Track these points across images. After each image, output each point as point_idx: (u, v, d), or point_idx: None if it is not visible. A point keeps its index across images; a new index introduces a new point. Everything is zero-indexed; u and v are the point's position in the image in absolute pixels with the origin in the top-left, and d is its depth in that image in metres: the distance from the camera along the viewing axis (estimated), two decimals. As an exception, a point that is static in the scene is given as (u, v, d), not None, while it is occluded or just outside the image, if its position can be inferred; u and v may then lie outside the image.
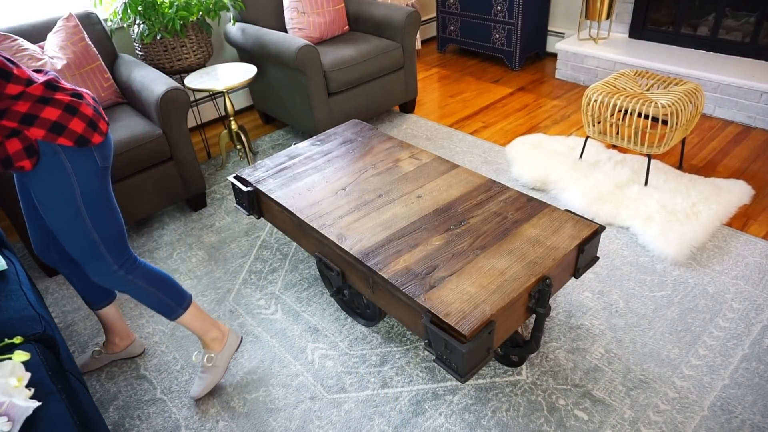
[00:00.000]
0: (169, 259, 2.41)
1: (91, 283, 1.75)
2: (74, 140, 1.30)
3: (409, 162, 2.05)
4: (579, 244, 1.57)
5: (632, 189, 2.47)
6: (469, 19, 4.07)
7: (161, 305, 1.62)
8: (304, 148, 2.22)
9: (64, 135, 1.29)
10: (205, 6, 2.79)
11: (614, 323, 1.89)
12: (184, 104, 2.44)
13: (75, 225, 1.39)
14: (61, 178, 1.33)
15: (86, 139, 1.32)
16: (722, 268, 2.08)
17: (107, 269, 1.49)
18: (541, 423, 1.59)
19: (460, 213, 1.74)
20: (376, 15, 3.22)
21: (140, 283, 1.56)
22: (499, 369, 1.77)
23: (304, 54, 2.71)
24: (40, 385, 1.19)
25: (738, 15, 3.22)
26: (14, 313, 1.43)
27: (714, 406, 1.59)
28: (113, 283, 1.52)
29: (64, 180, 1.33)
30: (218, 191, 2.88)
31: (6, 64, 1.21)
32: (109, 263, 1.48)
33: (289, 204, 1.86)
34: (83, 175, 1.36)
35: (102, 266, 1.48)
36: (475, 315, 1.35)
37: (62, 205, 1.36)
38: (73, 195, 1.36)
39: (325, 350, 1.90)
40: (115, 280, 1.52)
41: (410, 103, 3.48)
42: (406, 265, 1.53)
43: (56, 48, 2.45)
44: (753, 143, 2.85)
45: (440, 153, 3.02)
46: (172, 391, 1.81)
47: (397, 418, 1.65)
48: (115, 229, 1.47)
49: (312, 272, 2.26)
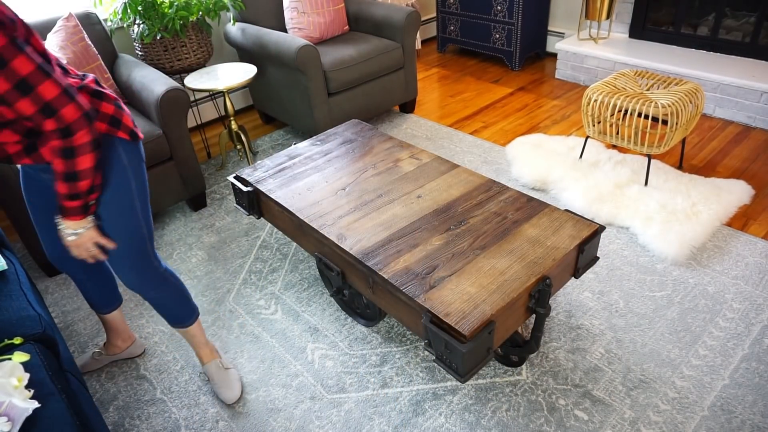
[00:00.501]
0: (169, 259, 2.41)
1: (103, 287, 1.73)
2: (128, 133, 1.32)
3: (409, 162, 2.05)
4: (579, 244, 1.57)
5: (632, 189, 2.47)
6: (469, 19, 4.07)
7: (181, 307, 1.63)
8: (304, 148, 2.22)
9: (121, 128, 1.30)
10: (205, 6, 2.79)
11: (614, 323, 1.89)
12: (184, 104, 2.44)
13: (130, 219, 1.38)
14: (120, 171, 1.33)
15: (135, 133, 1.34)
16: (722, 268, 2.07)
17: (149, 265, 1.49)
18: (541, 423, 1.59)
19: (460, 213, 1.73)
20: (376, 15, 3.22)
21: (171, 281, 1.57)
22: (499, 369, 1.77)
23: (304, 54, 2.71)
24: (40, 385, 1.19)
25: (738, 15, 3.22)
26: (14, 313, 1.43)
27: (714, 406, 1.59)
28: (151, 282, 1.51)
29: (122, 173, 1.34)
30: (218, 191, 2.88)
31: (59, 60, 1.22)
32: (151, 259, 1.49)
33: (289, 204, 1.86)
34: (136, 168, 1.37)
35: (146, 263, 1.48)
36: (475, 315, 1.34)
37: (118, 199, 1.35)
38: (130, 187, 1.36)
39: (325, 350, 1.90)
40: (155, 278, 1.51)
41: (410, 103, 3.48)
42: (406, 265, 1.53)
43: (56, 48, 2.45)
44: (753, 143, 2.85)
45: (440, 153, 3.02)
46: (172, 391, 1.81)
47: (397, 418, 1.65)
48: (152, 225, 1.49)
49: (312, 272, 2.26)
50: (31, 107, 1.07)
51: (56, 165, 1.16)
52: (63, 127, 1.11)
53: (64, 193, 1.21)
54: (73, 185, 1.20)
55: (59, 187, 1.20)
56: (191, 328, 1.70)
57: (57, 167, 1.17)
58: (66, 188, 1.20)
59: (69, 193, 1.21)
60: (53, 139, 1.13)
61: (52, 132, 1.11)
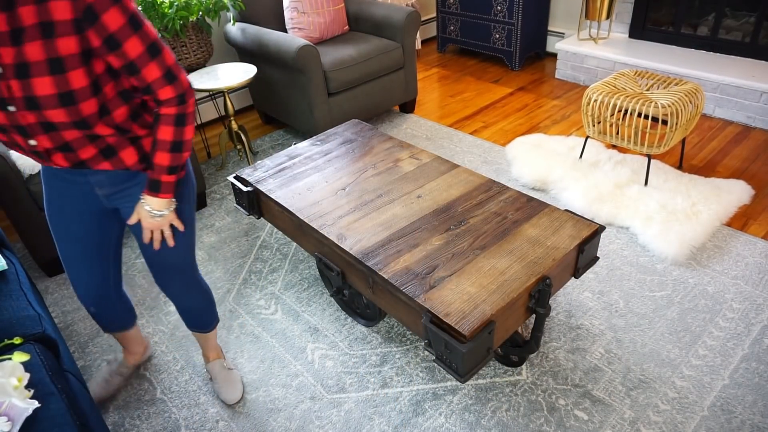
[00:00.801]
0: (169, 259, 2.41)
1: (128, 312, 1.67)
2: None
3: (409, 162, 2.05)
4: (579, 244, 1.57)
5: (632, 189, 2.47)
6: (469, 19, 4.07)
7: (208, 314, 1.64)
8: (304, 148, 2.22)
9: None
10: (205, 6, 2.79)
11: (614, 323, 1.89)
12: (184, 104, 2.44)
13: (190, 228, 1.39)
14: (188, 182, 1.35)
15: None
16: (722, 268, 2.08)
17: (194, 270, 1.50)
18: (541, 423, 1.59)
19: (460, 213, 1.74)
20: (376, 15, 3.22)
21: (204, 288, 1.59)
22: (499, 369, 1.77)
23: (304, 54, 2.71)
24: (40, 385, 1.19)
25: (738, 15, 3.22)
26: (14, 313, 1.43)
27: (714, 406, 1.59)
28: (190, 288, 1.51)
29: (190, 184, 1.36)
30: (218, 191, 2.88)
31: None
32: (195, 265, 1.51)
33: (289, 204, 1.86)
34: (190, 180, 1.37)
35: (193, 268, 1.48)
36: (475, 315, 1.35)
37: (188, 193, 1.36)
38: (191, 183, 1.37)
39: (325, 350, 1.90)
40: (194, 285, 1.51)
41: (410, 103, 3.48)
42: (406, 265, 1.53)
43: (56, 48, 2.45)
44: (753, 143, 2.85)
45: (440, 153, 3.02)
46: (172, 391, 1.81)
47: (397, 418, 1.65)
48: None
49: (312, 272, 2.26)
50: (157, 71, 1.07)
51: (165, 134, 1.15)
52: (181, 93, 1.12)
53: (166, 165, 1.18)
54: (177, 156, 1.18)
55: (162, 160, 1.17)
56: (211, 333, 1.71)
57: (165, 136, 1.15)
58: (169, 160, 1.18)
59: (170, 165, 1.18)
60: (170, 107, 1.12)
61: (170, 99, 1.11)
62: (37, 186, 2.14)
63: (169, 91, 1.10)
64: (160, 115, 1.14)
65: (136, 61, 1.04)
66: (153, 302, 2.18)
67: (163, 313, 2.12)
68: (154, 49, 1.06)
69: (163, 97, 1.11)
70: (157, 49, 1.06)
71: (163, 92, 1.10)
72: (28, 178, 2.14)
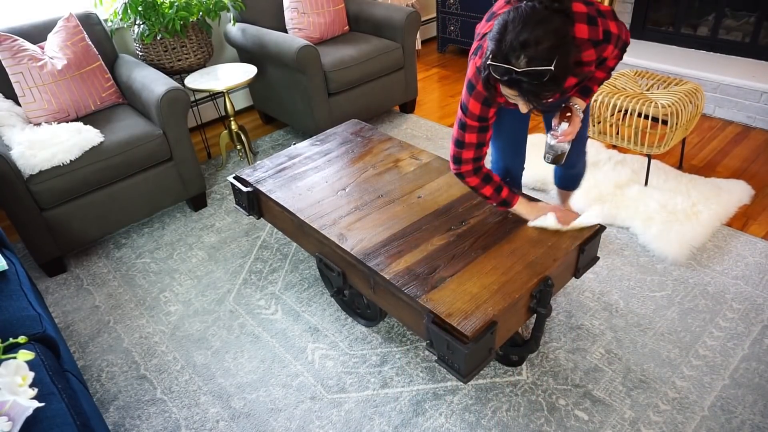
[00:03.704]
0: (169, 259, 2.41)
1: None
2: None
3: (409, 162, 2.05)
4: (580, 244, 1.57)
5: (632, 189, 2.47)
6: (469, 19, 4.07)
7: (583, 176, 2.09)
8: (304, 148, 2.22)
9: None
10: (206, 6, 2.79)
11: (614, 323, 1.89)
12: (185, 104, 2.44)
13: None
14: None
15: None
16: (722, 268, 2.08)
17: None
18: (541, 423, 1.59)
19: (460, 213, 1.74)
20: (376, 15, 3.22)
21: None
22: (499, 369, 1.77)
23: (304, 54, 2.71)
24: (41, 385, 1.19)
25: (738, 15, 3.22)
26: (14, 313, 1.43)
27: (714, 406, 1.60)
28: (584, 161, 1.98)
29: None
30: (218, 191, 2.88)
31: None
32: None
33: (289, 204, 1.86)
34: None
35: None
36: (477, 315, 1.34)
37: (587, 109, 1.79)
38: None
39: (325, 350, 1.90)
40: None
41: (410, 103, 3.48)
42: (407, 265, 1.53)
43: (56, 48, 2.45)
44: (753, 143, 2.85)
45: (440, 153, 3.02)
46: (173, 391, 1.81)
47: (398, 418, 1.65)
48: None
49: (312, 272, 2.26)
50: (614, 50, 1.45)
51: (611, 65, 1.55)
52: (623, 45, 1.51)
53: (602, 78, 1.57)
54: (609, 76, 1.60)
55: (601, 76, 1.57)
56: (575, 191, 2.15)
57: (610, 64, 1.54)
58: (604, 77, 1.57)
59: (603, 78, 1.57)
60: (615, 55, 1.51)
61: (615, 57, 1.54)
62: (37, 186, 2.14)
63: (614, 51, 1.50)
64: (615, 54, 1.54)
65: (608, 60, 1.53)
66: (153, 302, 2.18)
67: (164, 313, 2.12)
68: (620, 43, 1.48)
69: None
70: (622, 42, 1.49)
71: None
72: (28, 178, 2.14)
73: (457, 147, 1.54)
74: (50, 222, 2.24)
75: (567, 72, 1.18)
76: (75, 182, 2.23)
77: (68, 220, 2.28)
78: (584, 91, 1.59)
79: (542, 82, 1.17)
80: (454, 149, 1.55)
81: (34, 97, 2.37)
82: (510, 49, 1.17)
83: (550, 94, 1.21)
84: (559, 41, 1.16)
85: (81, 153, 2.23)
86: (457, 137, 1.53)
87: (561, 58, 1.16)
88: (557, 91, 1.22)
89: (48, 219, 2.23)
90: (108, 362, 1.94)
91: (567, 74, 1.19)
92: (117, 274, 2.35)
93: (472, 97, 1.44)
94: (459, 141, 1.53)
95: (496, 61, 1.19)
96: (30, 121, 2.42)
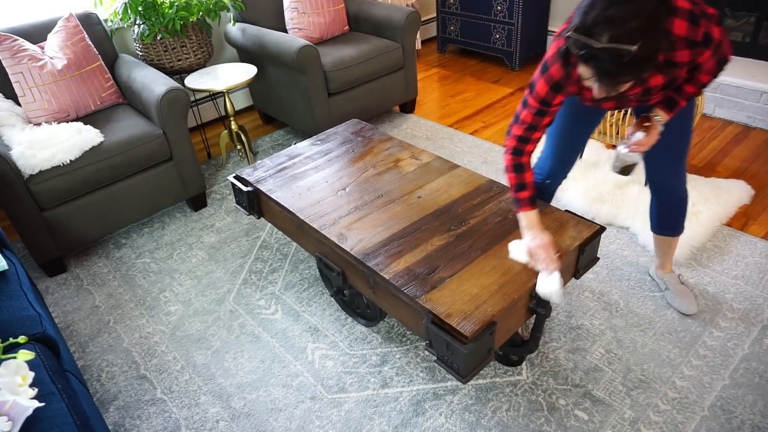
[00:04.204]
0: (169, 259, 2.41)
1: None
2: None
3: (409, 162, 2.05)
4: (580, 245, 1.57)
5: (632, 189, 2.47)
6: (469, 19, 4.07)
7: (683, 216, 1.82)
8: (304, 147, 2.22)
9: None
10: (206, 6, 2.79)
11: (614, 323, 1.89)
12: (185, 104, 2.44)
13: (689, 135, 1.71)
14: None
15: None
16: (722, 268, 2.08)
17: None
18: (541, 423, 1.60)
19: (460, 213, 1.74)
20: (376, 15, 3.22)
21: None
22: (499, 369, 1.77)
23: (304, 54, 2.71)
24: (41, 385, 1.19)
25: (738, 15, 3.22)
26: (14, 313, 1.43)
27: (714, 406, 1.60)
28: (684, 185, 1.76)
29: None
30: (218, 191, 2.88)
31: None
32: None
33: (289, 204, 1.86)
34: None
35: None
36: (476, 316, 1.35)
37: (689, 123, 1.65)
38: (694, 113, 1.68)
39: (325, 350, 1.90)
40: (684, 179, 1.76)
41: (410, 103, 3.48)
42: (407, 265, 1.53)
43: (56, 48, 2.45)
44: (753, 143, 2.85)
45: (440, 153, 3.02)
46: (173, 391, 1.81)
47: (398, 418, 1.65)
48: None
49: (312, 272, 2.26)
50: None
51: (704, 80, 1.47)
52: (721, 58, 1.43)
53: (692, 92, 1.48)
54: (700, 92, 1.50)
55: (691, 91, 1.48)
56: (676, 239, 1.88)
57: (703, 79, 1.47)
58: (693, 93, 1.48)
59: (693, 94, 1.48)
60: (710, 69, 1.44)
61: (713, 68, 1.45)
62: (37, 186, 2.14)
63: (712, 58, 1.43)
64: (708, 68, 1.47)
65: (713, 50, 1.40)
66: (153, 302, 2.18)
67: (164, 313, 2.12)
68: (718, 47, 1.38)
69: None
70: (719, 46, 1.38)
71: None
72: (28, 178, 2.14)
73: (514, 119, 1.53)
74: (50, 222, 2.24)
75: (650, 59, 1.11)
76: (75, 182, 2.23)
77: (68, 220, 2.28)
78: (670, 103, 1.51)
79: (621, 63, 1.10)
80: (511, 121, 1.55)
81: (34, 97, 2.38)
82: (594, 22, 1.10)
83: (627, 79, 1.14)
84: (648, 24, 1.08)
85: (81, 153, 2.23)
86: (517, 111, 1.52)
87: (646, 43, 1.08)
88: (635, 77, 1.15)
89: (48, 219, 2.23)
90: (108, 362, 1.94)
91: (650, 62, 1.12)
92: (117, 274, 2.35)
93: (542, 77, 1.40)
94: (517, 115, 1.52)
95: (578, 33, 1.13)
96: (30, 121, 2.42)
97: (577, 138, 1.78)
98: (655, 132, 1.51)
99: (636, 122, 1.54)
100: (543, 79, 1.41)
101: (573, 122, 1.74)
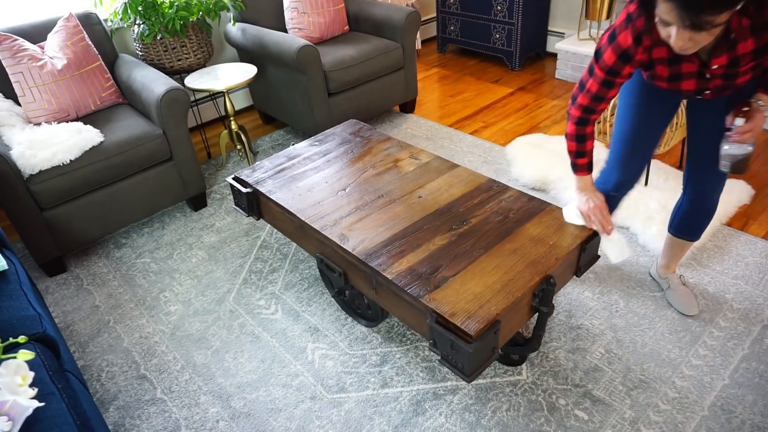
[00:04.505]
0: (169, 259, 2.41)
1: None
2: None
3: (409, 162, 2.05)
4: (581, 243, 1.58)
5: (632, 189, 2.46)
6: (469, 19, 4.08)
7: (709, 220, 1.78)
8: (303, 148, 2.22)
9: None
10: (206, 6, 2.79)
11: (614, 323, 1.89)
12: (185, 104, 2.44)
13: None
14: None
15: None
16: (722, 268, 2.08)
17: None
18: (541, 423, 1.59)
19: (461, 213, 1.74)
20: (376, 15, 3.22)
21: None
22: (499, 369, 1.77)
23: (304, 54, 2.71)
24: (41, 385, 1.19)
25: (737, 16, 3.22)
26: (14, 312, 1.43)
27: (714, 406, 1.60)
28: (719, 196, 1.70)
29: None
30: (218, 191, 2.88)
31: None
32: None
33: (289, 205, 1.86)
34: None
35: None
36: (480, 314, 1.34)
37: None
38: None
39: (325, 350, 1.90)
40: None
41: (410, 103, 3.48)
42: (409, 265, 1.53)
43: (56, 48, 2.45)
44: (752, 144, 2.85)
45: (440, 153, 3.02)
46: (173, 391, 1.80)
47: (398, 417, 1.65)
48: None
49: (312, 272, 2.26)
50: None
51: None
52: None
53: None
54: None
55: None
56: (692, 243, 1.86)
57: None
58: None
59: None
60: None
61: None
62: (37, 186, 2.14)
63: None
64: None
65: None
66: (153, 302, 2.18)
67: (164, 313, 2.12)
68: None
69: None
70: None
71: None
72: (28, 178, 2.13)
73: (579, 87, 1.48)
74: (50, 222, 2.24)
75: None
76: (75, 182, 2.23)
77: (68, 220, 2.28)
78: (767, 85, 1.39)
79: None
80: (576, 88, 1.49)
81: (34, 97, 2.37)
82: None
83: (713, 12, 1.02)
84: None
85: (81, 153, 2.23)
86: (582, 78, 1.47)
87: None
88: (724, 11, 1.02)
89: (48, 219, 2.23)
90: (108, 362, 1.93)
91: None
92: (117, 274, 2.35)
93: (610, 46, 1.34)
94: (582, 82, 1.47)
95: None
96: (30, 121, 2.42)
97: (649, 135, 1.63)
98: (760, 116, 1.38)
99: (734, 110, 1.43)
100: (611, 48, 1.34)
101: (644, 115, 1.59)
